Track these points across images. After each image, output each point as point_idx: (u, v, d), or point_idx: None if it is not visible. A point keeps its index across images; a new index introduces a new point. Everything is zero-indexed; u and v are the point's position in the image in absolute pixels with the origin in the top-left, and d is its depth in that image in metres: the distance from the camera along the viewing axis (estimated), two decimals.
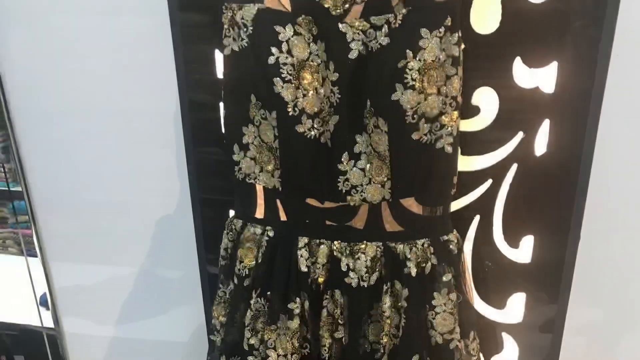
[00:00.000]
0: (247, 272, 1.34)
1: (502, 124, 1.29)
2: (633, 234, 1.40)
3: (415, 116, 1.14)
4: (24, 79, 1.59)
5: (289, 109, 1.17)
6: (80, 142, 1.64)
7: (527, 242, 1.39)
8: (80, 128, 1.62)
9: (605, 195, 1.37)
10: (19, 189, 1.74)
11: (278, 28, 1.14)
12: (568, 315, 1.44)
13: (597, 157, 1.29)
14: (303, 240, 1.28)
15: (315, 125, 1.18)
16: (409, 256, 1.25)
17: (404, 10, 1.11)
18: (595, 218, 1.38)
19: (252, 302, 1.33)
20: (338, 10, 1.14)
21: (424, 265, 1.26)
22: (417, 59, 1.11)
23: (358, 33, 1.13)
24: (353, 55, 1.14)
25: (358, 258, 1.26)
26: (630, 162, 1.34)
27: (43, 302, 1.93)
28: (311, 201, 1.27)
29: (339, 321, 1.29)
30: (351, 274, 1.27)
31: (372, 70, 1.14)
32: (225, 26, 1.19)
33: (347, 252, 1.27)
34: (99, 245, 1.77)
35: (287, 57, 1.14)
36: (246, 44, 1.17)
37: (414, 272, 1.25)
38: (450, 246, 1.28)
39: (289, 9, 1.16)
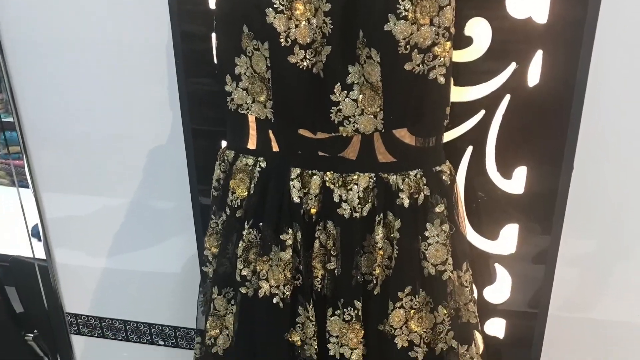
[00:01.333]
0: (239, 203, 1.39)
1: (494, 55, 1.32)
2: (626, 164, 1.44)
3: (407, 47, 1.17)
4: (17, 13, 1.61)
5: (282, 40, 1.21)
6: (72, 73, 1.67)
7: (520, 173, 1.43)
8: (72, 60, 1.65)
9: (598, 126, 1.40)
10: (11, 119, 1.77)
11: None
12: (561, 246, 1.50)
13: (590, 87, 1.32)
14: (295, 171, 1.32)
15: (307, 56, 1.22)
16: (401, 187, 1.30)
17: None
18: (588, 149, 1.42)
19: (244, 233, 1.38)
20: None
21: (416, 196, 1.31)
22: None
23: None
24: None
25: (350, 189, 1.30)
26: (623, 92, 1.38)
27: (35, 233, 1.98)
28: (303, 132, 1.31)
29: (332, 252, 1.34)
30: (344, 205, 1.31)
31: (364, 1, 1.16)
32: None
33: (340, 183, 1.31)
34: (91, 177, 1.81)
35: None
36: None
37: (406, 203, 1.30)
38: (443, 177, 1.33)
39: None
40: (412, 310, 1.37)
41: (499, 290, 1.57)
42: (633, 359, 1.61)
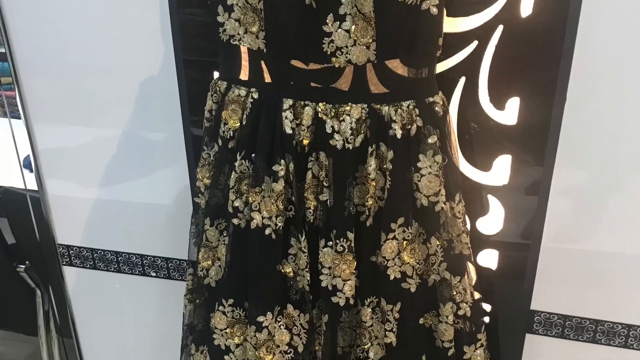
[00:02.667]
0: (231, 134, 1.43)
1: None
2: (619, 95, 1.46)
3: None
4: None
5: None
6: (65, 3, 1.69)
7: (513, 104, 1.47)
8: None
9: (591, 57, 1.43)
10: (2, 50, 1.80)
11: None
12: (554, 178, 1.55)
13: (583, 18, 1.36)
14: (288, 102, 1.36)
15: None
16: (394, 118, 1.34)
17: None
18: (582, 79, 1.45)
19: (236, 164, 1.42)
20: None
21: (409, 127, 1.35)
22: None
23: None
24: None
25: (343, 120, 1.34)
26: (616, 23, 1.40)
27: (26, 164, 2.02)
28: (296, 63, 1.34)
29: (324, 183, 1.38)
30: (336, 135, 1.35)
31: None
32: None
33: (332, 113, 1.35)
34: (83, 108, 1.84)
35: None
36: None
37: (399, 134, 1.34)
38: (436, 108, 1.37)
39: None
40: (405, 242, 1.41)
41: (492, 222, 1.62)
42: (626, 290, 1.64)
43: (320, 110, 1.36)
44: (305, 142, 1.38)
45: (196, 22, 1.58)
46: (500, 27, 1.40)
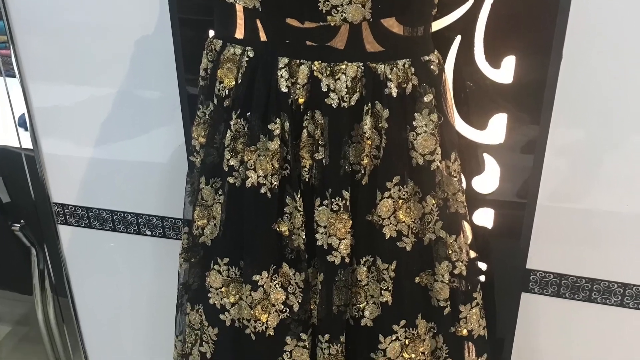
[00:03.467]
0: (226, 93, 1.44)
1: None
2: (616, 54, 1.48)
3: None
4: None
5: None
6: None
7: (509, 63, 1.49)
8: None
9: (588, 15, 1.44)
10: None
11: None
12: (550, 136, 1.57)
13: None
14: (283, 61, 1.37)
15: None
16: (389, 76, 1.35)
17: None
18: (578, 37, 1.47)
19: (231, 122, 1.44)
20: None
21: (404, 85, 1.36)
22: None
23: None
24: None
25: (338, 78, 1.35)
26: None
27: (21, 122, 2.02)
28: (291, 21, 1.34)
29: (319, 142, 1.40)
30: (332, 94, 1.36)
31: None
32: None
33: (328, 72, 1.36)
34: (78, 66, 1.85)
35: None
36: None
37: (394, 92, 1.35)
38: (432, 66, 1.38)
39: None
40: (401, 200, 1.43)
41: (488, 180, 1.65)
42: (622, 249, 1.66)
43: (315, 68, 1.36)
44: (301, 100, 1.39)
45: None
46: None
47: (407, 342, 1.54)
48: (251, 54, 1.40)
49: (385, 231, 1.44)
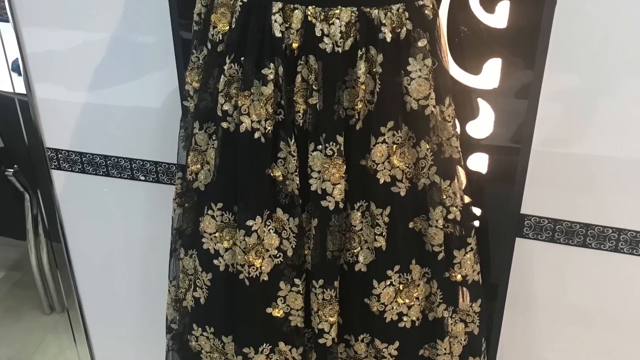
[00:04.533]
0: (220, 38, 1.46)
1: None
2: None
3: None
4: None
5: None
6: None
7: (503, 7, 1.50)
8: None
9: None
10: None
11: None
12: (544, 81, 1.58)
13: None
14: (277, 5, 1.37)
15: None
16: (383, 21, 1.36)
17: None
18: None
19: (225, 67, 1.46)
20: None
21: (399, 30, 1.38)
22: None
23: None
24: None
25: (332, 23, 1.37)
26: None
27: (15, 67, 2.04)
28: None
29: (314, 87, 1.41)
30: (325, 39, 1.37)
31: None
32: None
33: (322, 17, 1.37)
34: (72, 11, 1.85)
35: None
36: None
37: (388, 37, 1.37)
38: (426, 11, 1.39)
39: None
40: (395, 145, 1.45)
41: (482, 125, 1.66)
42: (616, 194, 1.68)
43: (309, 13, 1.37)
44: (295, 45, 1.40)
45: None
46: None
47: (401, 287, 1.57)
48: None
49: (379, 176, 1.47)
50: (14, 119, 2.14)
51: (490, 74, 1.59)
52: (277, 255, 1.55)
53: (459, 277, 1.62)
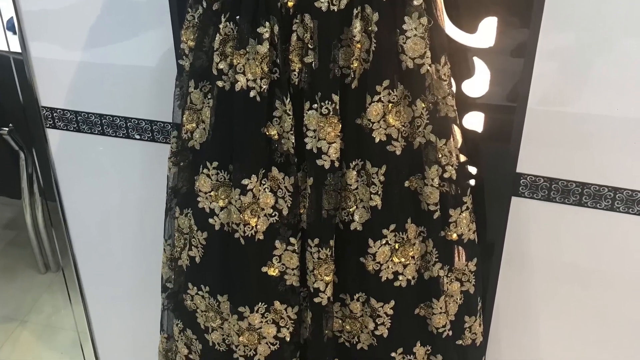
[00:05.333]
0: None
1: None
2: None
3: None
4: None
5: None
6: None
7: None
8: None
9: None
10: None
11: None
12: (540, 39, 1.58)
13: None
14: None
15: None
16: None
17: None
18: None
19: (221, 26, 1.47)
20: None
21: None
22: None
23: None
24: None
25: None
26: None
27: (10, 26, 2.04)
28: None
29: (309, 46, 1.43)
30: None
31: None
32: None
33: None
34: None
35: None
36: None
37: None
38: None
39: None
40: (390, 104, 1.47)
41: (478, 84, 1.66)
42: (612, 152, 1.69)
43: None
44: (290, 4, 1.41)
45: None
46: None
47: (396, 246, 1.59)
48: None
49: (374, 135, 1.48)
50: (8, 77, 2.13)
51: (486, 33, 1.60)
52: (273, 214, 1.56)
53: (454, 236, 1.64)
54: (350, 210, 1.56)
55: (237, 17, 1.45)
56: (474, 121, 1.72)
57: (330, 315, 1.66)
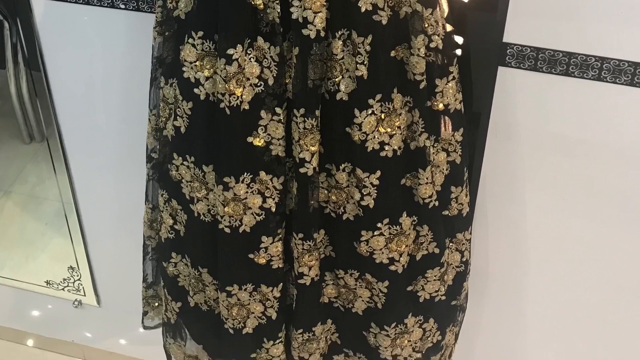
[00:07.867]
0: None
1: None
2: None
3: None
4: None
5: None
6: None
7: None
8: None
9: None
10: None
11: None
12: None
13: None
14: None
15: None
16: None
17: None
18: None
19: None
20: None
21: None
22: None
23: None
24: None
25: None
26: None
27: None
28: None
29: None
30: None
31: None
32: None
33: None
34: None
35: None
36: None
37: None
38: None
39: None
40: None
41: None
42: (599, 22, 1.70)
43: None
44: None
45: None
46: None
47: (382, 116, 1.61)
48: None
49: (360, 4, 1.49)
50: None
51: None
52: (258, 84, 1.58)
53: (440, 105, 1.66)
54: (336, 80, 1.58)
55: None
56: None
57: (316, 185, 1.69)
